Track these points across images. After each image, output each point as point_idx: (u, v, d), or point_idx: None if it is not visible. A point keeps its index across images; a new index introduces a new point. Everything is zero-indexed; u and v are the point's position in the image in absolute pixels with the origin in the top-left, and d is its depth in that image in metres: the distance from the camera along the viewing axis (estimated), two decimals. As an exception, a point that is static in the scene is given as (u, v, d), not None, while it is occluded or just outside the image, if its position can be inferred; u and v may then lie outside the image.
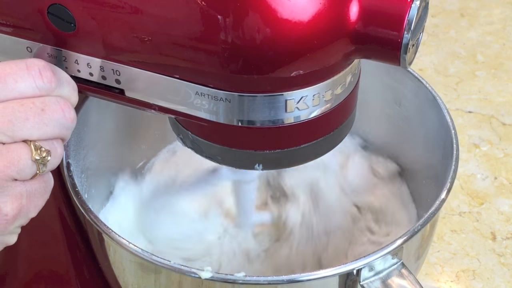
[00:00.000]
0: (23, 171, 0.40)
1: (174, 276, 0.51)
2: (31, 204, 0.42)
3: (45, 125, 0.41)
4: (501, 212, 0.79)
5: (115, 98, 0.47)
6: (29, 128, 0.40)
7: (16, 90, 0.40)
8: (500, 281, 0.73)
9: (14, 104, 0.40)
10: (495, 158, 0.85)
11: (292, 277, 0.48)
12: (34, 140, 0.41)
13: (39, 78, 0.41)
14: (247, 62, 0.41)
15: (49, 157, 0.41)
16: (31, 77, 0.41)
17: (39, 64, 0.41)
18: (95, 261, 0.62)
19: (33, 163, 0.41)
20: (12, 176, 0.40)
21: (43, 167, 0.41)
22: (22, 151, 0.40)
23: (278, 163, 0.48)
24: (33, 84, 0.41)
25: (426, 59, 1.00)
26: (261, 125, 0.44)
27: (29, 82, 0.41)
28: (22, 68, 0.41)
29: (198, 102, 0.44)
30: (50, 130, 0.41)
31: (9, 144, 0.40)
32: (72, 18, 0.43)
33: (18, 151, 0.40)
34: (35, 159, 0.41)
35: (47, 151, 0.41)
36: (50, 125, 0.41)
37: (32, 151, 0.40)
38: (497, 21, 1.07)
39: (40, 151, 0.41)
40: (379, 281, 0.49)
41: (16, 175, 0.40)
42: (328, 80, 0.43)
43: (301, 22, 0.40)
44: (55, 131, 0.42)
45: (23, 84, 0.40)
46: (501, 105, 0.92)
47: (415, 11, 0.41)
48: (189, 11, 0.40)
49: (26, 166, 0.40)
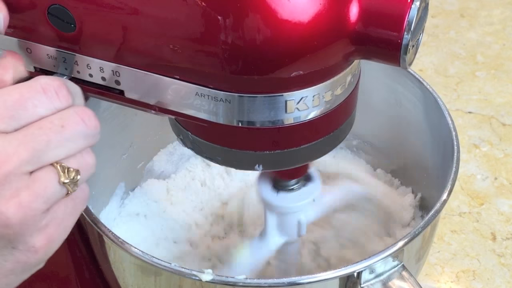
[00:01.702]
0: (51, 198, 0.39)
1: (175, 278, 0.50)
2: (61, 228, 0.41)
3: (68, 142, 0.40)
4: (501, 213, 0.79)
5: (115, 98, 0.47)
6: (53, 149, 0.39)
7: (35, 114, 0.39)
8: (500, 282, 0.73)
9: (33, 129, 0.39)
10: (495, 159, 0.85)
11: (293, 280, 0.48)
12: (61, 161, 0.40)
13: (56, 100, 0.40)
14: (247, 63, 0.41)
15: (78, 176, 0.40)
16: (49, 99, 0.40)
17: (54, 84, 0.40)
18: (95, 262, 0.62)
19: (62, 186, 0.39)
20: (40, 209, 0.39)
21: (73, 186, 0.40)
22: (48, 177, 0.39)
23: (278, 163, 0.47)
24: (52, 106, 0.40)
25: (426, 59, 1.00)
26: (261, 125, 0.44)
27: (48, 105, 0.40)
28: (39, 91, 0.40)
29: (198, 103, 0.44)
30: (75, 145, 0.40)
31: (35, 173, 0.39)
32: (72, 18, 0.43)
33: (44, 179, 0.39)
34: (63, 182, 0.39)
35: (75, 171, 0.40)
36: (74, 140, 0.40)
37: (59, 174, 0.39)
38: (497, 21, 1.07)
39: (68, 173, 0.40)
40: (379, 283, 0.49)
41: (43, 206, 0.39)
42: (328, 81, 0.43)
43: (301, 22, 0.40)
44: (81, 143, 0.40)
45: (42, 108, 0.39)
46: (501, 106, 0.92)
47: (415, 11, 0.41)
48: (189, 12, 0.40)
49: (54, 192, 0.39)
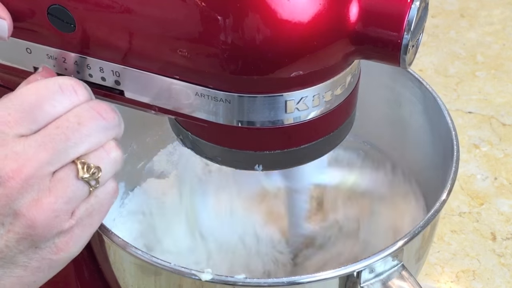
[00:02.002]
0: (73, 198, 0.39)
1: (174, 278, 0.50)
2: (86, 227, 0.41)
3: (88, 137, 0.39)
4: (501, 213, 0.79)
5: (115, 98, 0.47)
6: (72, 147, 0.39)
7: (53, 114, 0.39)
8: (500, 282, 0.73)
9: (50, 129, 0.39)
10: (495, 159, 0.85)
11: (293, 279, 0.48)
12: (83, 157, 0.39)
13: (75, 98, 0.40)
14: (247, 63, 0.41)
15: (99, 173, 0.40)
16: (67, 98, 0.40)
17: (71, 82, 0.40)
18: (95, 262, 0.62)
19: (82, 183, 0.39)
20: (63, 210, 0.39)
21: (95, 183, 0.40)
22: (67, 177, 0.39)
23: (278, 163, 0.47)
24: (70, 105, 0.40)
25: (426, 59, 1.00)
26: (261, 125, 0.44)
27: (66, 104, 0.39)
28: (57, 91, 0.39)
29: (197, 103, 0.44)
30: (95, 139, 0.40)
31: (57, 173, 0.39)
32: (71, 18, 0.43)
33: (64, 179, 0.39)
34: (82, 177, 0.39)
35: (96, 168, 0.40)
36: (93, 135, 0.40)
37: (78, 171, 0.39)
38: (497, 21, 1.07)
39: (87, 168, 0.39)
40: (379, 283, 0.49)
41: (66, 207, 0.39)
42: (328, 81, 0.43)
43: (301, 22, 0.40)
44: (101, 137, 0.40)
45: (60, 107, 0.39)
46: (501, 106, 0.92)
47: (415, 11, 0.41)
48: (189, 12, 0.40)
49: (75, 190, 0.39)
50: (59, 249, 0.40)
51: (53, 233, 0.39)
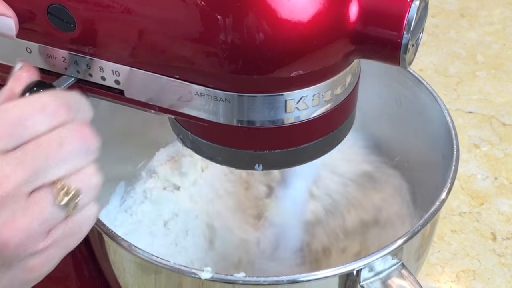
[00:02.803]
0: (49, 221, 0.38)
1: (174, 276, 0.51)
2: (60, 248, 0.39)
3: (68, 159, 0.38)
4: (501, 213, 0.79)
5: (114, 98, 0.47)
6: (52, 168, 0.38)
7: (35, 132, 0.38)
8: (501, 282, 0.73)
9: (31, 146, 0.38)
10: (495, 159, 0.85)
11: (292, 278, 0.48)
12: (62, 179, 0.38)
13: (54, 119, 0.39)
14: (247, 62, 0.41)
15: (78, 196, 0.39)
16: (48, 118, 0.38)
17: (54, 103, 0.39)
18: (95, 261, 0.62)
19: (59, 208, 0.38)
20: (37, 232, 0.38)
21: (73, 208, 0.39)
22: (44, 200, 0.38)
23: (278, 163, 0.47)
24: (50, 125, 0.38)
25: (426, 59, 1.00)
26: (261, 125, 0.44)
27: (47, 124, 0.38)
28: (39, 110, 0.38)
29: (197, 103, 0.44)
30: (75, 162, 0.39)
31: (34, 194, 0.37)
32: (71, 18, 0.43)
33: (41, 202, 0.38)
34: (60, 204, 0.38)
35: (75, 192, 0.38)
36: (73, 158, 0.39)
37: (55, 196, 0.38)
38: (497, 21, 1.07)
39: (66, 193, 0.38)
40: (379, 281, 0.49)
41: (40, 228, 0.38)
42: (328, 80, 0.43)
43: (300, 22, 0.40)
44: (81, 161, 0.39)
45: (43, 126, 0.38)
46: (501, 106, 0.92)
47: (414, 11, 0.41)
48: (189, 12, 0.40)
49: (51, 214, 0.38)
50: (32, 268, 0.39)
51: (27, 253, 0.38)
